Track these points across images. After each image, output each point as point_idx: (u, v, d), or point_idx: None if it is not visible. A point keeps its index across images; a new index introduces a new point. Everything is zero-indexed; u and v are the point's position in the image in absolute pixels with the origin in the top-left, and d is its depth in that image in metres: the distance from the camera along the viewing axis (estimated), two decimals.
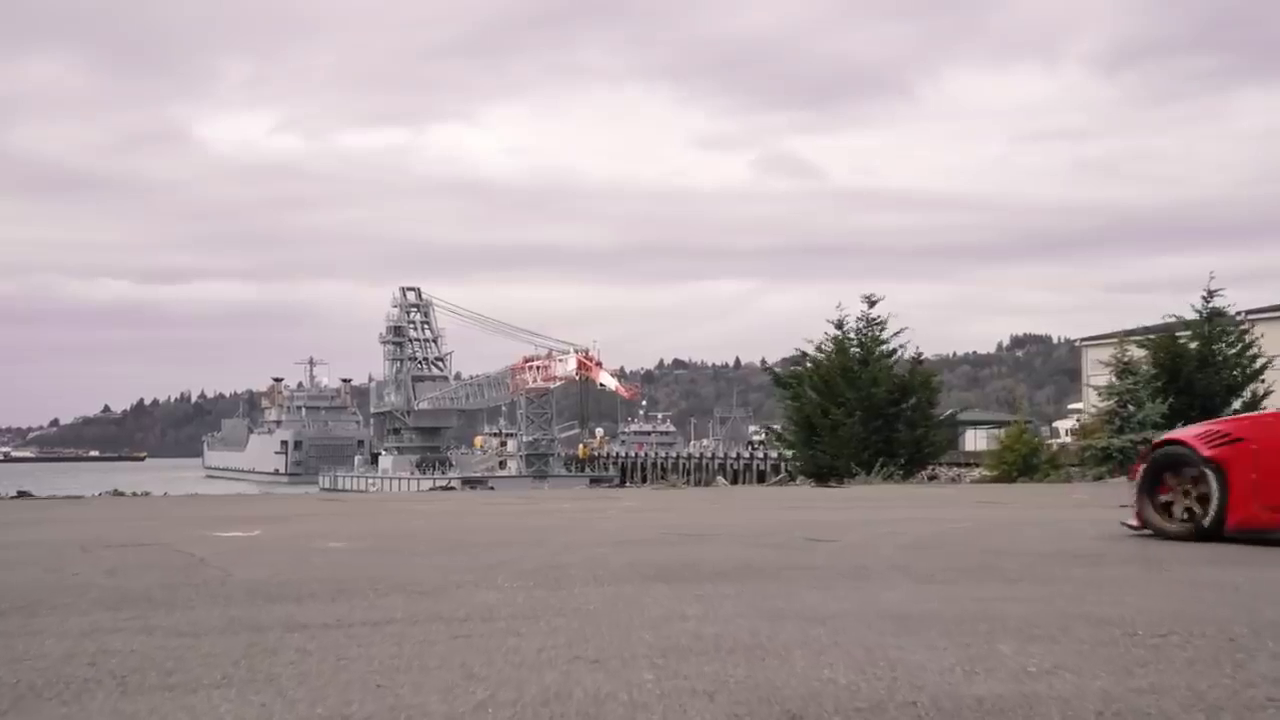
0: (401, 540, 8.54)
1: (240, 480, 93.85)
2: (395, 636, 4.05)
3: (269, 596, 5.12)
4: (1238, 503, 7.53)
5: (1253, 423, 8.09)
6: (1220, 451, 7.68)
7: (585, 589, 5.38)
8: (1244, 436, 7.72)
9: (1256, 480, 7.50)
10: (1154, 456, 8.16)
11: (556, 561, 6.67)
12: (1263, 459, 7.53)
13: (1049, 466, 31.10)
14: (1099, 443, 27.30)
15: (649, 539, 8.32)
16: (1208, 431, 7.98)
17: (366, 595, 5.17)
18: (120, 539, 8.45)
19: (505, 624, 4.32)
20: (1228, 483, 7.57)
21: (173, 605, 4.86)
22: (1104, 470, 25.97)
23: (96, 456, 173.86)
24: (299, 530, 9.54)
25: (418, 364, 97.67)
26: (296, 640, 3.99)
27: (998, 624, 4.23)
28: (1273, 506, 7.46)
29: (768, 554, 7.14)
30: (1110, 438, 26.95)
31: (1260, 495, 7.49)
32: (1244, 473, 7.54)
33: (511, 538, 8.67)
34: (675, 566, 6.38)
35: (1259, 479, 7.50)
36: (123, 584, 5.60)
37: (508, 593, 5.25)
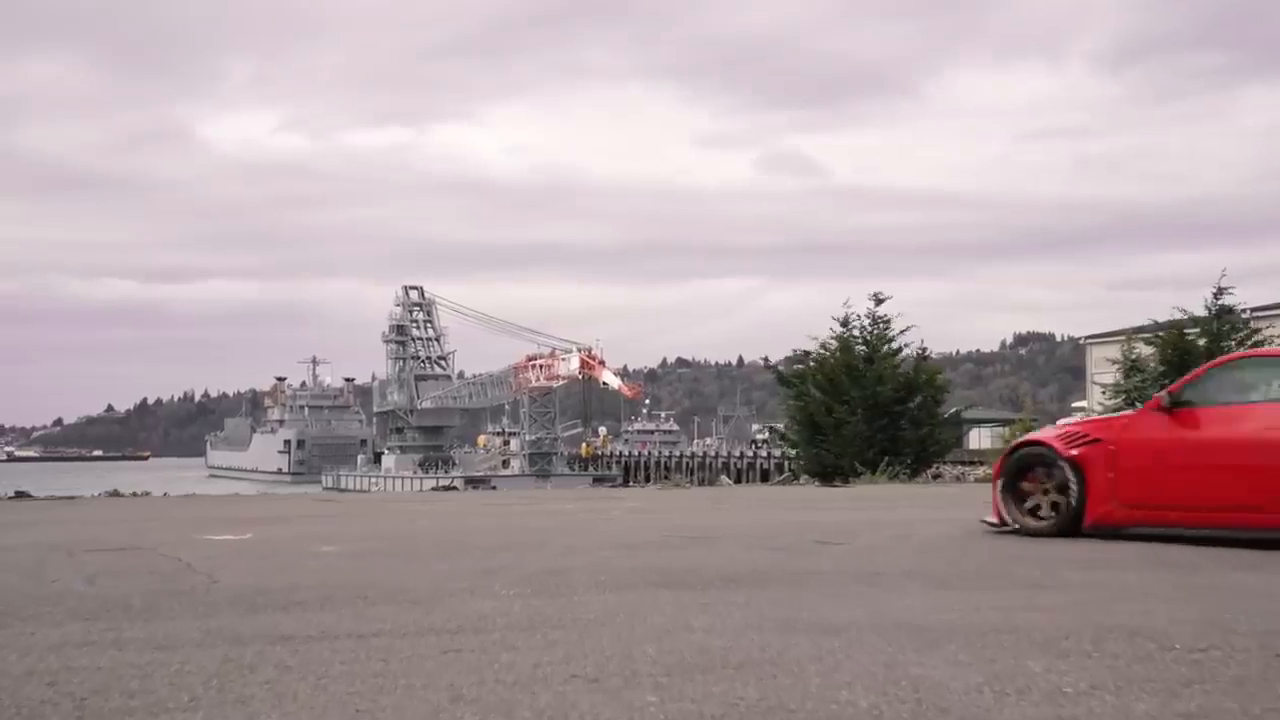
0: (398, 543, 8.29)
1: (242, 480, 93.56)
2: (382, 651, 3.80)
3: (253, 605, 4.87)
4: (1096, 501, 7.82)
5: (1109, 424, 8.31)
6: (1080, 452, 7.97)
7: (586, 596, 5.13)
8: (1102, 437, 7.98)
9: (1114, 479, 7.79)
10: (1016, 457, 8.38)
11: (557, 566, 6.42)
12: (1120, 459, 7.81)
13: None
14: None
15: (653, 541, 8.07)
16: (1068, 433, 8.28)
17: (355, 604, 4.93)
18: (108, 542, 8.21)
19: (499, 636, 4.07)
20: (1086, 481, 7.87)
21: (150, 615, 4.61)
22: None
23: (100, 456, 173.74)
24: (293, 533, 9.29)
25: (421, 363, 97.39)
26: (277, 654, 3.74)
27: (1023, 636, 3.98)
28: (1129, 504, 7.75)
29: (775, 558, 6.89)
30: None
31: (1117, 493, 7.78)
32: (1102, 472, 7.83)
33: (512, 540, 8.42)
34: (680, 571, 6.12)
35: (1116, 478, 7.79)
36: (102, 592, 5.35)
37: (504, 601, 5.00)
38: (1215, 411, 7.62)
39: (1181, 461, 7.62)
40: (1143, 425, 7.95)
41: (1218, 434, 7.53)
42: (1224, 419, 7.57)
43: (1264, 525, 7.18)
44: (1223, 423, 7.56)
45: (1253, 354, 8.78)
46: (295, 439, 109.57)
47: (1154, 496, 7.70)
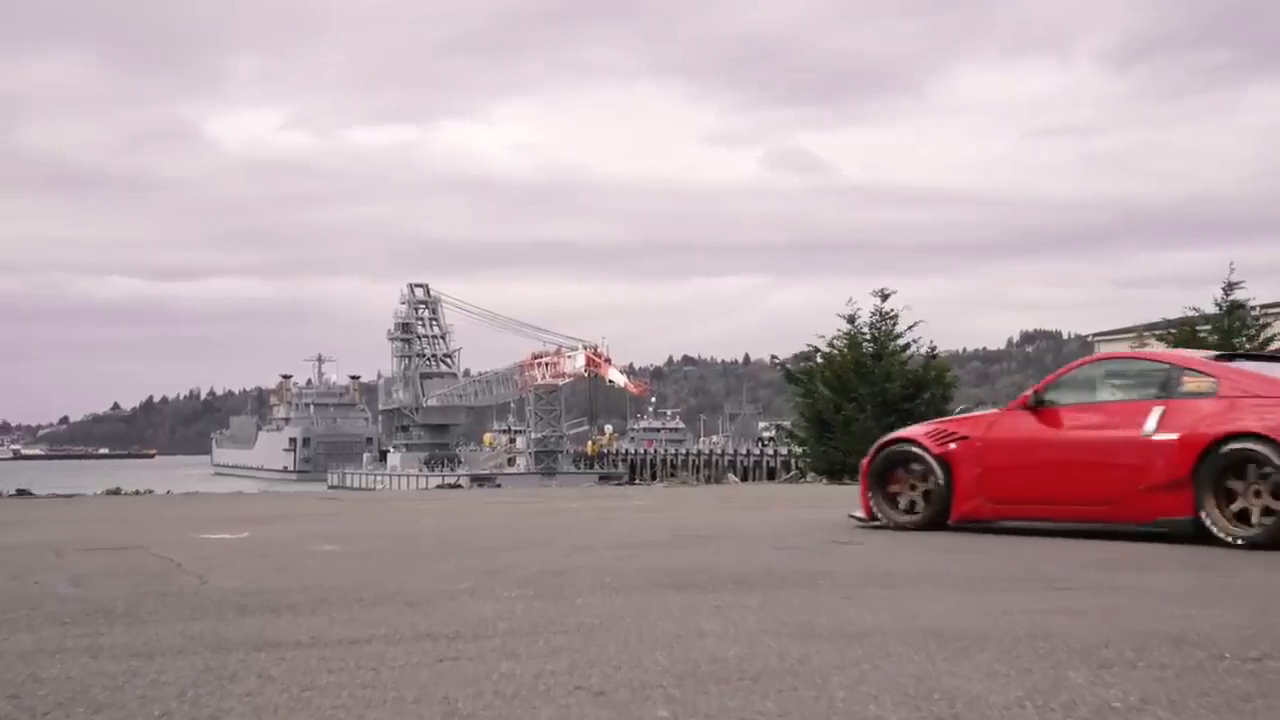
0: (399, 542, 8.05)
1: (247, 478, 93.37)
2: (374, 659, 3.55)
3: (241, 609, 4.62)
4: (963, 496, 8.18)
5: (976, 422, 8.57)
6: (947, 449, 8.29)
7: (591, 599, 4.88)
8: (969, 434, 8.31)
9: (980, 475, 8.13)
10: (884, 453, 8.66)
11: (561, 566, 6.18)
12: (986, 456, 8.14)
13: None
14: None
15: (660, 541, 7.82)
16: (936, 430, 8.57)
17: (350, 607, 4.68)
18: (100, 542, 7.97)
19: (500, 643, 3.82)
20: (954, 477, 8.21)
21: (132, 619, 4.37)
22: None
23: (106, 454, 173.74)
24: (291, 532, 9.05)
25: (426, 361, 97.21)
26: (261, 663, 3.49)
27: (1059, 643, 3.72)
28: (995, 500, 8.11)
29: (788, 558, 6.64)
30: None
31: (984, 489, 8.12)
32: (969, 468, 8.17)
33: (516, 539, 8.18)
34: (689, 572, 5.87)
35: (982, 474, 8.12)
36: (85, 594, 5.11)
37: (506, 604, 4.76)
38: (1075, 411, 7.97)
39: (1043, 459, 7.95)
40: (1008, 424, 8.26)
41: (1076, 432, 7.89)
42: (1082, 418, 7.93)
43: (1117, 519, 7.54)
44: (1081, 421, 7.91)
45: (1111, 356, 8.96)
46: (301, 437, 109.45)
47: (1018, 492, 8.04)
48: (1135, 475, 7.40)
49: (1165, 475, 7.24)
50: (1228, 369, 7.61)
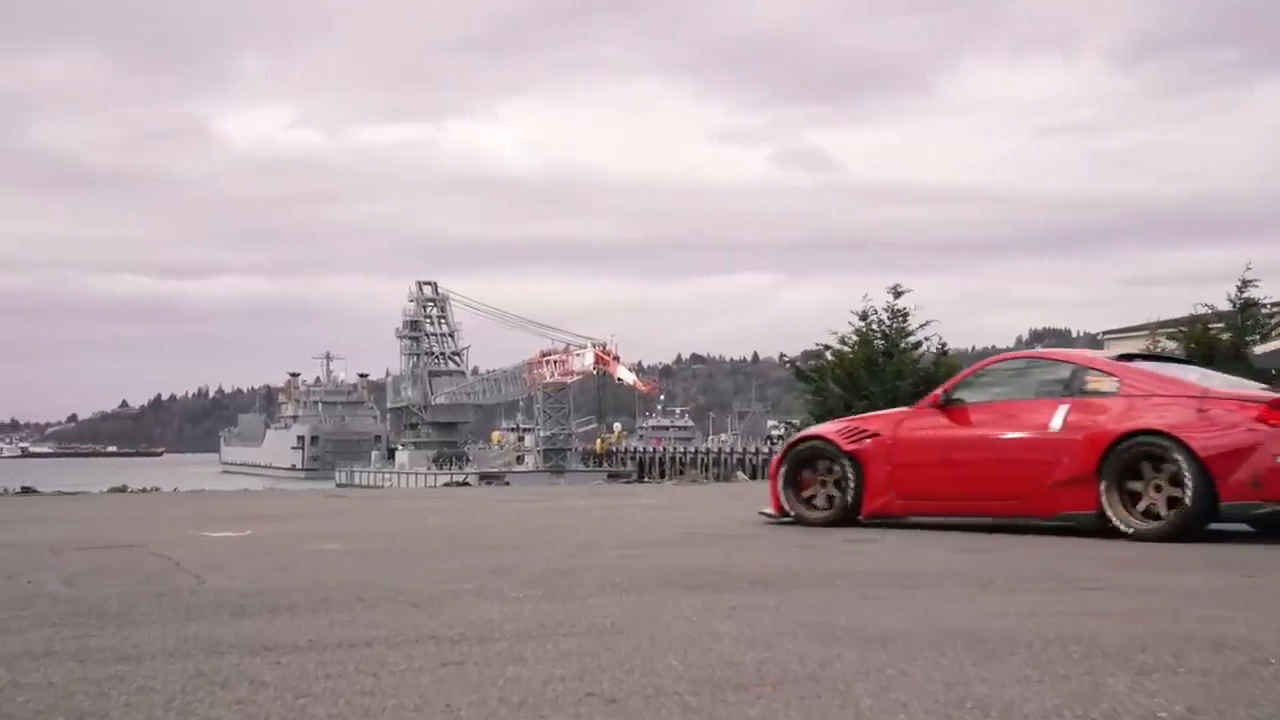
0: (404, 541, 7.89)
1: (256, 476, 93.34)
2: (374, 663, 3.39)
3: (238, 610, 4.46)
4: (874, 493, 8.36)
5: (887, 419, 8.72)
6: (858, 446, 8.46)
7: (601, 600, 4.71)
8: (880, 432, 8.48)
9: (891, 472, 8.31)
10: (796, 450, 8.83)
11: (570, 566, 6.01)
12: (896, 453, 8.32)
13: None
14: None
15: (670, 539, 7.65)
16: (847, 427, 8.75)
17: (352, 607, 4.52)
18: (99, 540, 7.83)
19: (506, 646, 3.65)
20: (865, 474, 8.38)
21: (124, 621, 4.21)
22: None
23: (114, 452, 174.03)
24: (295, 530, 8.90)
25: (434, 359, 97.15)
26: (255, 667, 3.33)
27: (1093, 647, 3.54)
28: (905, 496, 8.31)
29: (803, 557, 6.46)
30: None
31: (894, 486, 8.31)
32: (880, 465, 8.35)
33: (523, 538, 8.01)
34: (701, 572, 5.70)
35: (893, 471, 8.31)
36: (78, 594, 4.95)
37: (512, 604, 4.59)
38: (983, 408, 8.19)
39: (953, 456, 8.18)
40: (918, 421, 8.46)
41: (985, 430, 8.12)
42: (991, 415, 8.14)
43: (1025, 513, 7.81)
44: (990, 419, 8.13)
45: (1017, 355, 9.12)
46: (309, 435, 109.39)
47: (928, 488, 8.27)
48: (1042, 471, 7.63)
49: (1071, 471, 7.49)
50: (1129, 369, 7.88)
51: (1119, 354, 8.54)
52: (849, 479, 8.43)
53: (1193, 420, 7.17)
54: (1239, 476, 6.97)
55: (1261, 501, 6.98)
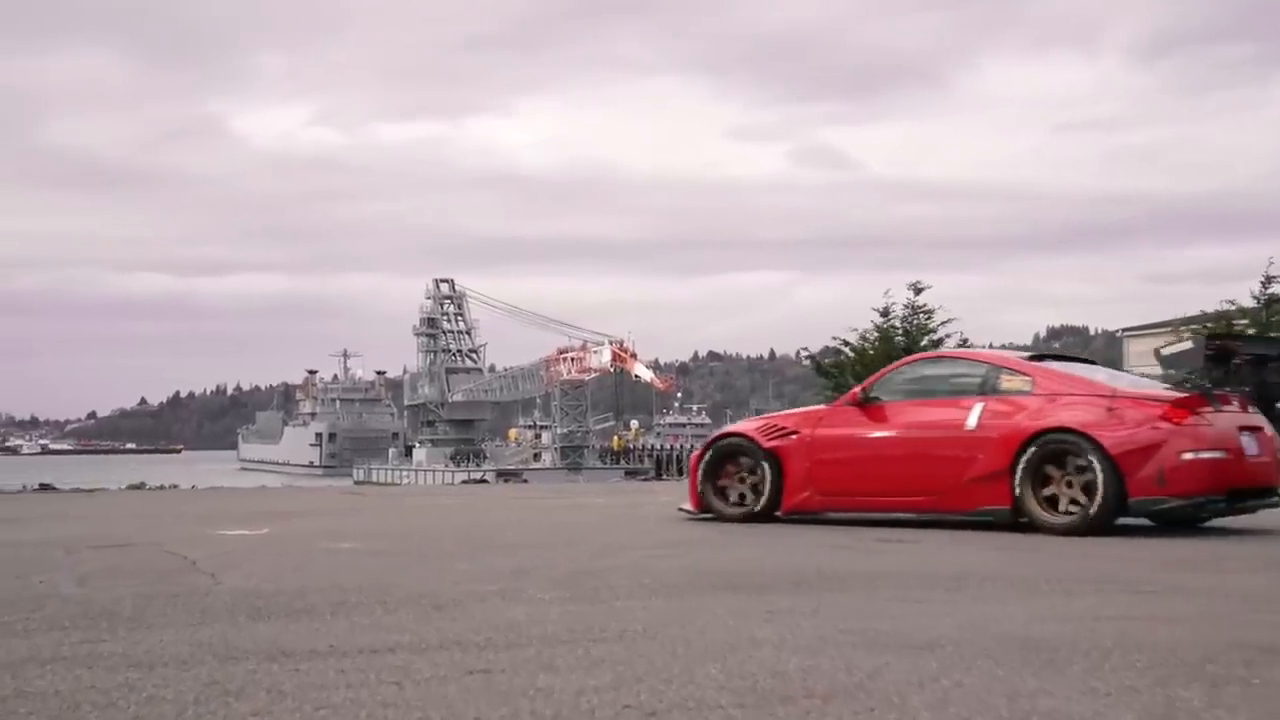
0: (422, 540, 7.73)
1: (274, 473, 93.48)
2: (397, 671, 3.21)
3: (255, 612, 4.30)
4: (793, 488, 8.51)
5: (806, 417, 8.87)
6: (778, 443, 8.59)
7: (630, 602, 4.53)
8: (798, 430, 8.63)
9: (809, 468, 8.47)
10: (716, 447, 8.95)
11: (594, 566, 5.83)
12: (815, 450, 8.47)
13: None
14: None
15: (695, 538, 7.47)
16: (767, 425, 8.89)
17: (372, 610, 4.35)
18: (114, 538, 7.69)
19: (534, 652, 3.46)
20: (784, 471, 8.52)
21: (137, 623, 4.04)
22: None
23: (133, 449, 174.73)
24: (312, 528, 8.74)
25: (451, 356, 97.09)
26: (272, 676, 3.15)
27: (1157, 656, 3.33)
28: (824, 492, 8.47)
29: (836, 557, 6.27)
30: None
31: (813, 482, 8.47)
32: (799, 462, 8.50)
33: (544, 537, 7.84)
34: (732, 573, 5.52)
35: (812, 467, 8.47)
36: (90, 595, 4.80)
37: (539, 607, 4.41)
38: (899, 407, 8.34)
39: (871, 452, 8.33)
40: (837, 419, 8.60)
41: (903, 427, 8.27)
42: (909, 413, 8.30)
43: (941, 508, 8.00)
44: (907, 417, 8.29)
45: (934, 355, 9.33)
46: (327, 432, 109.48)
47: (846, 484, 8.40)
48: (959, 467, 7.84)
49: (987, 467, 7.71)
50: (1041, 368, 8.11)
51: (1031, 354, 8.77)
52: (767, 475, 8.56)
53: (1103, 419, 7.43)
54: (1146, 473, 7.26)
55: (1166, 497, 7.31)
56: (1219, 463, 7.34)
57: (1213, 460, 7.32)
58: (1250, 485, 7.61)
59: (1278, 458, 8.02)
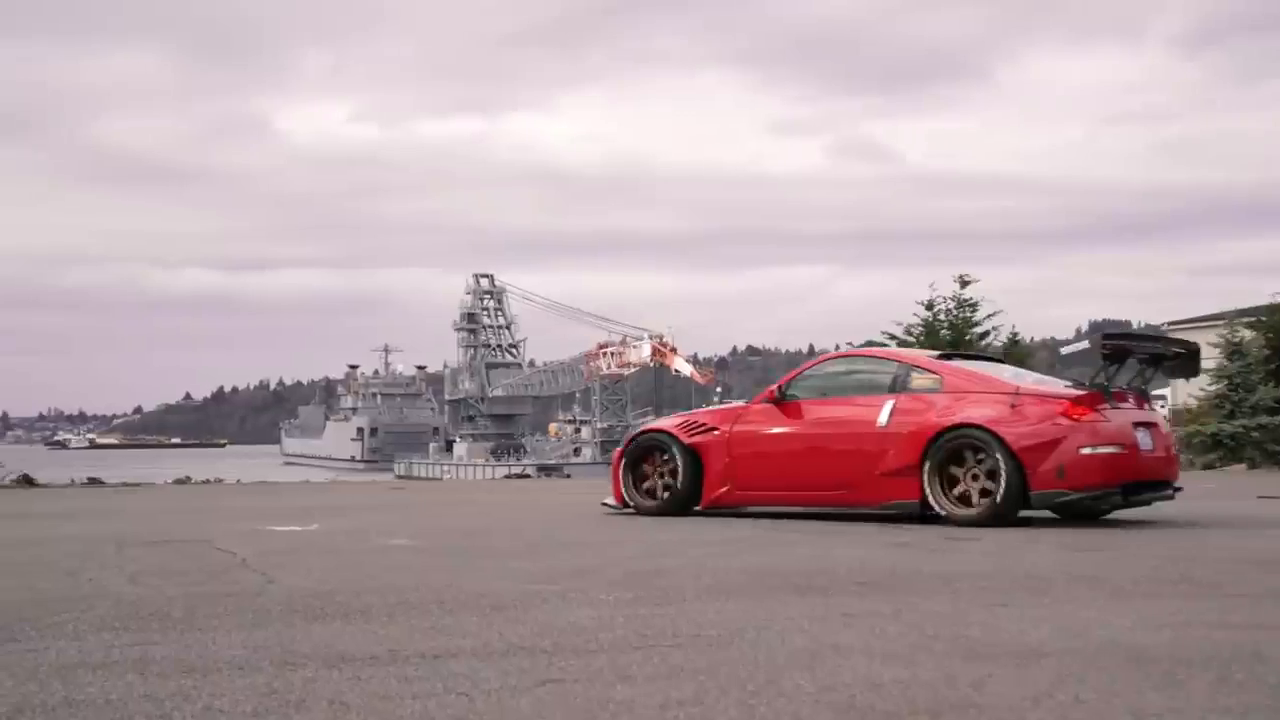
0: (473, 537, 7.56)
1: (316, 467, 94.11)
2: (464, 679, 3.02)
3: (311, 613, 4.13)
4: (712, 483, 8.75)
5: (725, 414, 9.07)
6: (697, 439, 8.83)
7: (700, 605, 4.32)
8: (717, 426, 8.85)
9: (728, 464, 8.69)
10: (637, 443, 9.19)
11: (654, 566, 5.62)
12: (734, 446, 8.70)
13: None
14: (1208, 429, 25.70)
15: (749, 536, 7.25)
16: (687, 421, 9.12)
17: (430, 611, 4.17)
18: (163, 534, 7.58)
19: (607, 660, 3.27)
20: (704, 466, 8.77)
21: (188, 625, 3.88)
22: (1214, 458, 24.46)
23: (178, 444, 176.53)
24: (361, 524, 8.60)
25: (491, 351, 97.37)
26: (334, 684, 2.97)
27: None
28: (742, 486, 8.68)
29: (903, 555, 6.03)
30: (1220, 423, 25.37)
31: (732, 477, 8.68)
32: (717, 458, 8.72)
33: (594, 533, 7.65)
34: (796, 572, 5.30)
35: (730, 462, 8.68)
36: (140, 593, 4.65)
37: (602, 609, 4.21)
38: (816, 404, 8.59)
39: (787, 448, 8.55)
40: (754, 416, 8.81)
41: (817, 423, 8.50)
42: (823, 410, 8.54)
43: (853, 502, 8.26)
44: (822, 414, 8.53)
45: (848, 354, 9.64)
46: (368, 426, 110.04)
47: (763, 479, 8.61)
48: (870, 462, 8.11)
49: (896, 462, 7.99)
50: (949, 366, 8.39)
51: (940, 353, 9.11)
52: (686, 471, 8.78)
53: (1006, 415, 7.74)
54: (1046, 467, 7.57)
55: (1066, 490, 7.62)
56: (1115, 457, 7.65)
57: (1109, 455, 7.63)
58: (1145, 479, 7.95)
59: (1172, 453, 8.43)
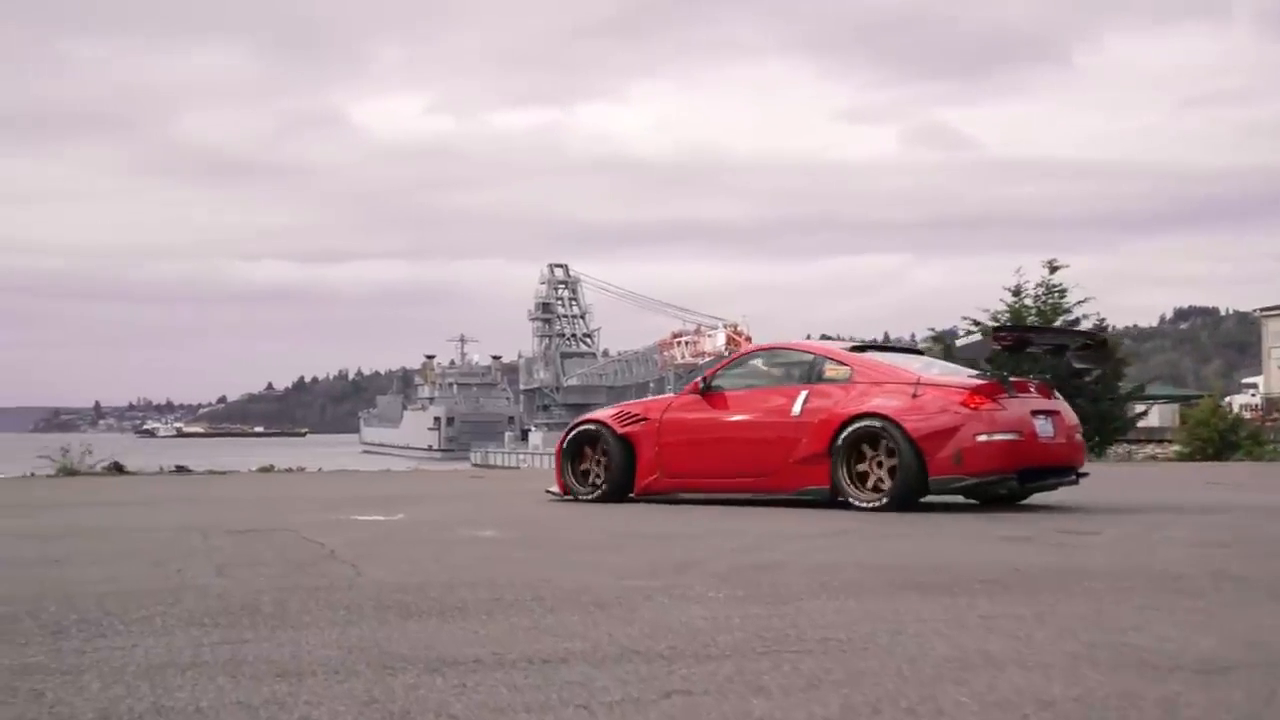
0: (559, 527, 7.32)
1: (395, 456, 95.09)
2: (579, 689, 2.75)
3: (405, 609, 3.90)
4: (644, 471, 9.15)
5: (656, 405, 9.56)
6: (630, 429, 9.23)
7: (816, 603, 4.01)
8: (648, 416, 9.25)
9: (658, 453, 9.08)
10: (575, 433, 9.58)
11: (759, 560, 5.33)
12: (663, 435, 9.08)
13: (1251, 443, 28.43)
14: None
15: (851, 528, 6.91)
16: (620, 412, 9.54)
17: (529, 609, 3.91)
18: (249, 523, 7.45)
19: (733, 667, 2.98)
20: (636, 455, 9.16)
21: (279, 621, 3.67)
22: None
23: (261, 432, 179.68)
24: (446, 513, 8.41)
25: (566, 340, 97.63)
26: (437, 693, 2.72)
27: None
28: (671, 474, 9.07)
29: (1023, 550, 5.66)
30: None
31: (661, 465, 9.09)
32: (648, 447, 9.12)
33: (685, 525, 7.37)
34: (911, 569, 4.96)
35: (660, 451, 9.07)
36: (228, 586, 4.46)
37: (714, 608, 3.92)
38: (738, 394, 8.98)
39: (710, 436, 8.91)
40: (681, 407, 9.22)
41: (738, 413, 8.87)
42: (744, 400, 8.92)
43: (772, 488, 8.58)
44: (743, 404, 8.90)
45: (768, 347, 9.86)
46: (445, 416, 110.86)
47: (689, 466, 9.00)
48: (786, 450, 8.46)
49: (809, 449, 8.35)
50: (860, 358, 8.73)
51: (854, 345, 9.49)
52: (618, 459, 9.15)
53: (907, 405, 8.07)
54: (944, 454, 7.91)
55: (963, 476, 7.96)
56: (1011, 444, 7.96)
57: (1005, 442, 7.95)
58: (1043, 464, 8.24)
59: (1075, 439, 8.66)
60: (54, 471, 15.38)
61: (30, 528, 7.28)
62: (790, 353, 9.23)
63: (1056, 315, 28.76)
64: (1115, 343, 29.13)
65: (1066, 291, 28.70)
